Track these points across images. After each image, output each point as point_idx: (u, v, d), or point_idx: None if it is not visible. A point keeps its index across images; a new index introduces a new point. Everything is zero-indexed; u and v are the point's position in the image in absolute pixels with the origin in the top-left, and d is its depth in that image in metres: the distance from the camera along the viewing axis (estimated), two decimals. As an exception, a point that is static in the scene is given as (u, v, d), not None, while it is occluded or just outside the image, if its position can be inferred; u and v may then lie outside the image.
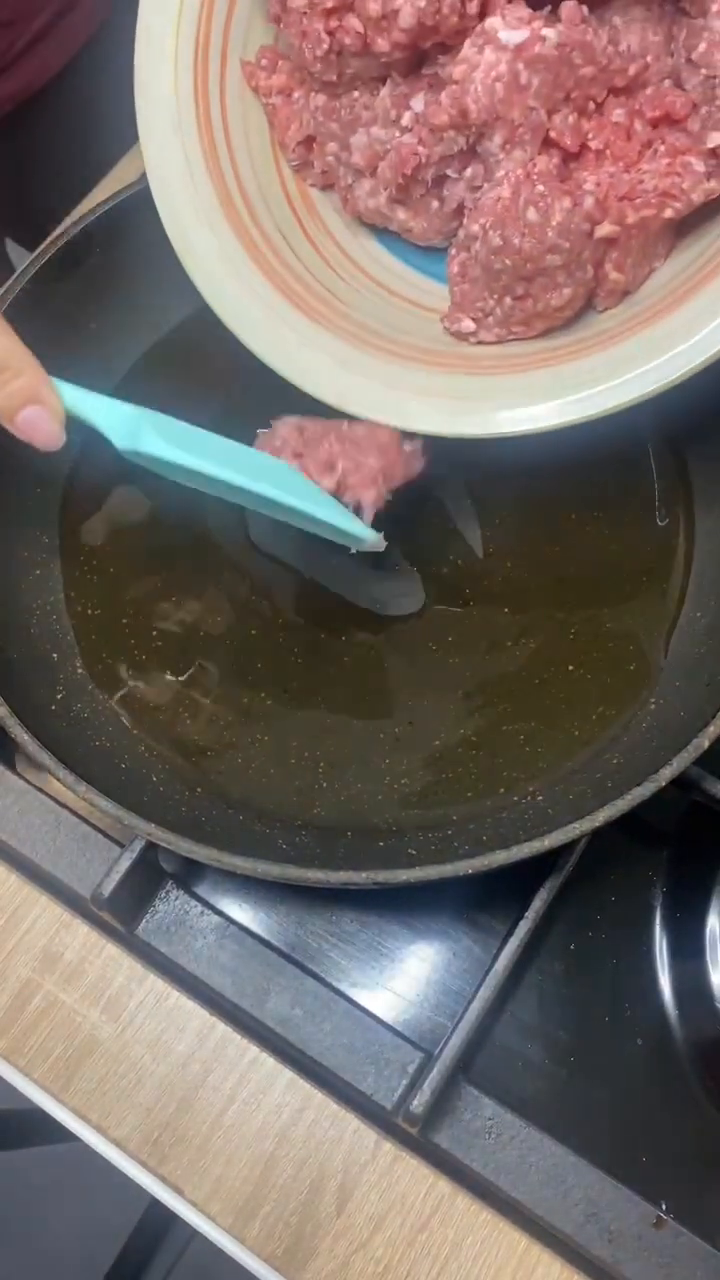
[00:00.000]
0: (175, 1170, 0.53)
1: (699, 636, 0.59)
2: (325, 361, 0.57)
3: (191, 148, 0.56)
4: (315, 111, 0.57)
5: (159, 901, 0.54)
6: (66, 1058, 0.55)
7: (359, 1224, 0.52)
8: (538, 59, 0.49)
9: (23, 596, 0.60)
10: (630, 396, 0.52)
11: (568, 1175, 0.49)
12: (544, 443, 0.64)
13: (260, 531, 0.63)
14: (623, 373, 0.52)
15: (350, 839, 0.55)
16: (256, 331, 0.57)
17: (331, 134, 0.57)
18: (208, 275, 0.57)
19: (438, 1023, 0.56)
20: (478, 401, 0.56)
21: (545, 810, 0.55)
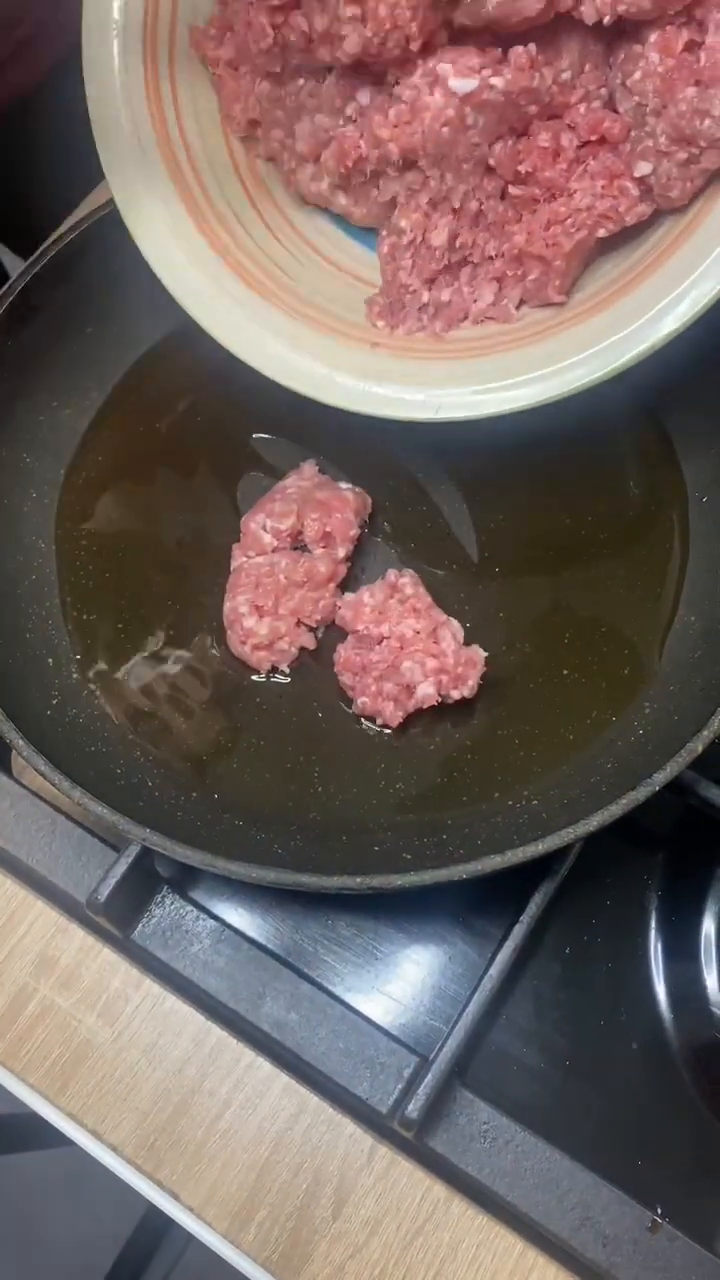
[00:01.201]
0: (171, 1175, 0.53)
1: (693, 641, 0.59)
2: (269, 337, 0.58)
3: (140, 116, 0.56)
4: (260, 97, 0.57)
5: (155, 906, 0.54)
6: (62, 1062, 0.55)
7: (355, 1228, 0.52)
8: (485, 104, 0.51)
9: (18, 601, 0.60)
10: (548, 394, 0.54)
11: (563, 1179, 0.49)
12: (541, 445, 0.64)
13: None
14: (538, 368, 0.55)
15: (345, 843, 0.55)
16: (204, 304, 0.58)
17: (276, 120, 0.58)
18: (158, 249, 0.57)
19: (433, 1027, 0.56)
20: (413, 384, 0.57)
21: (540, 814, 0.55)
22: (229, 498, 0.65)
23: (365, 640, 0.57)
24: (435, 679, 0.55)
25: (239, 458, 0.66)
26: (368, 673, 0.57)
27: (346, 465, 0.65)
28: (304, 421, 0.62)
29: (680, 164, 0.51)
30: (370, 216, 0.59)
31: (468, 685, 0.56)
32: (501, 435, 0.63)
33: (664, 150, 0.51)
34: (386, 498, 0.64)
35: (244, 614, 0.58)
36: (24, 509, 0.63)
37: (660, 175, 0.52)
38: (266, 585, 0.59)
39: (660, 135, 0.51)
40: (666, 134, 0.51)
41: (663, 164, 0.52)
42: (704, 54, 0.49)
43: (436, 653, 0.56)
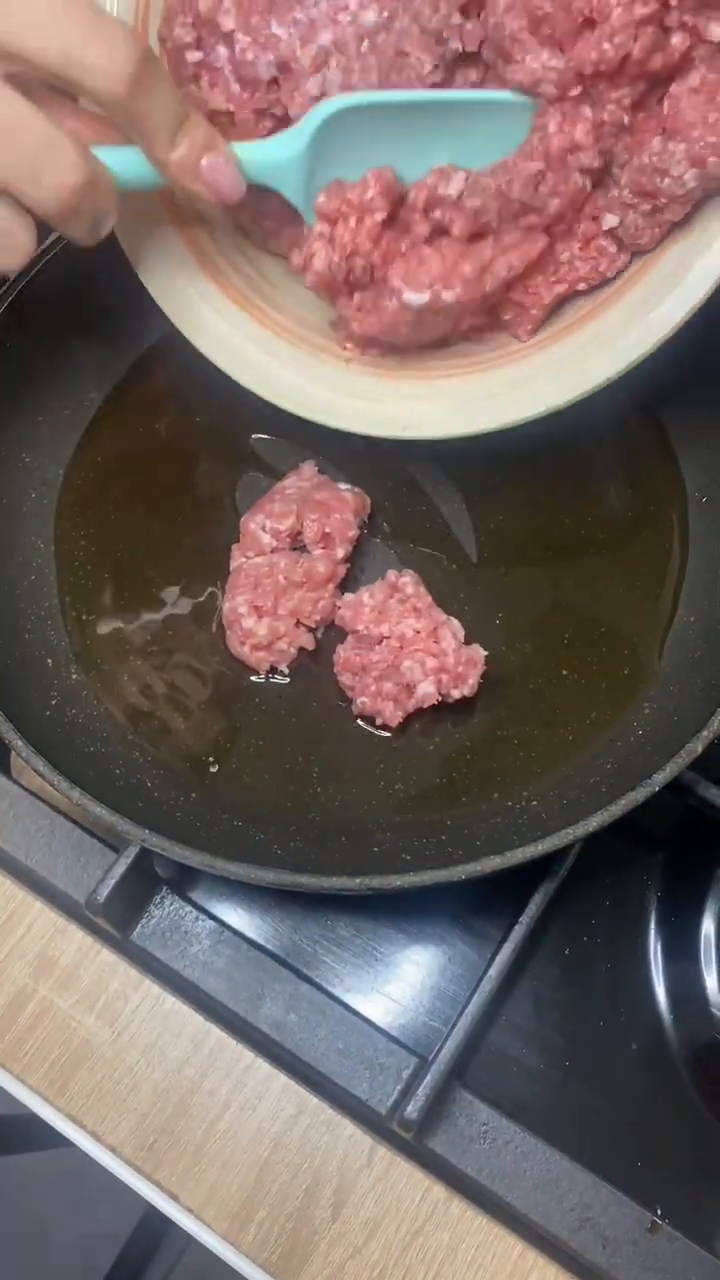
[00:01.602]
0: (170, 1176, 0.53)
1: (693, 641, 0.59)
2: (251, 348, 0.58)
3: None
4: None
5: (154, 907, 0.54)
6: (62, 1063, 0.55)
7: (354, 1229, 0.52)
8: (443, 305, 0.53)
9: (17, 602, 0.60)
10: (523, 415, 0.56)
11: (562, 1180, 0.49)
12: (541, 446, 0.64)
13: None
14: (506, 391, 0.57)
15: (344, 844, 0.55)
16: (188, 313, 0.58)
17: (246, 202, 0.57)
18: (138, 249, 0.57)
19: (432, 1027, 0.56)
20: (384, 402, 0.58)
21: (539, 815, 0.55)
22: (228, 498, 0.65)
23: (365, 640, 0.57)
24: (435, 678, 0.55)
25: (238, 458, 0.66)
26: (367, 673, 0.57)
27: (346, 466, 0.65)
28: (303, 422, 0.62)
29: (646, 215, 0.52)
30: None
31: (468, 684, 0.56)
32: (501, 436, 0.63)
33: (629, 203, 0.52)
34: (385, 498, 0.64)
35: (243, 614, 0.58)
36: (23, 509, 0.63)
37: (628, 226, 0.53)
38: (266, 586, 0.59)
39: (625, 188, 0.51)
40: (630, 187, 0.51)
41: (629, 215, 0.52)
42: (668, 103, 0.49)
43: (437, 652, 0.56)
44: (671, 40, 0.47)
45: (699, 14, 0.46)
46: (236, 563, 0.61)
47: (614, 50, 0.46)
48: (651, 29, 0.46)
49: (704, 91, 0.48)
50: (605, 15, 0.46)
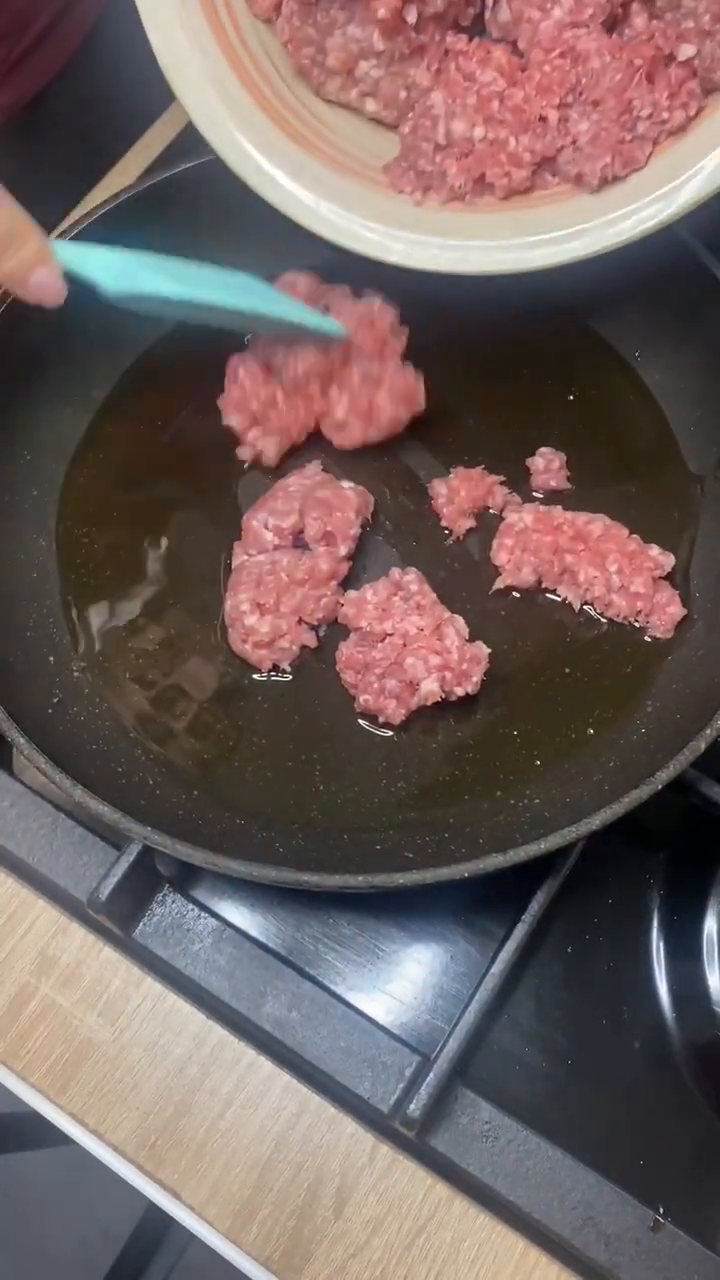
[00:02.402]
0: (172, 1174, 0.53)
1: (696, 639, 0.59)
2: (298, 178, 0.57)
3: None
4: (290, 15, 0.57)
5: (156, 905, 0.54)
6: (64, 1061, 0.55)
7: (356, 1227, 0.52)
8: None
9: (19, 600, 0.60)
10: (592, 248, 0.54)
11: (565, 1179, 0.49)
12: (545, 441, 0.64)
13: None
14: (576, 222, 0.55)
15: (347, 842, 0.55)
16: (230, 142, 0.57)
17: (307, 38, 0.58)
18: (193, 91, 0.56)
19: (435, 1026, 0.56)
20: (433, 235, 0.57)
21: (542, 813, 0.55)
22: (230, 495, 0.65)
23: (368, 638, 0.57)
24: (439, 675, 0.55)
25: (240, 455, 0.66)
26: (370, 670, 0.57)
27: (348, 463, 0.65)
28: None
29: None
30: (399, 117, 0.59)
31: (471, 682, 0.56)
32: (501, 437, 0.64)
33: (707, 30, 0.51)
34: (388, 496, 0.64)
35: (245, 612, 0.58)
36: (25, 506, 0.63)
37: (704, 57, 0.52)
38: (268, 583, 0.59)
39: (704, 15, 0.51)
40: (711, 12, 0.50)
41: (706, 45, 0.51)
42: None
43: (440, 649, 0.56)
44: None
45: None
46: (239, 560, 0.61)
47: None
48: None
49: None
50: None
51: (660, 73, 0.53)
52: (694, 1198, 0.53)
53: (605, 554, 0.59)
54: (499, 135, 0.55)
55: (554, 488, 0.63)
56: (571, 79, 0.54)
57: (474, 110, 0.55)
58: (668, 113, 0.53)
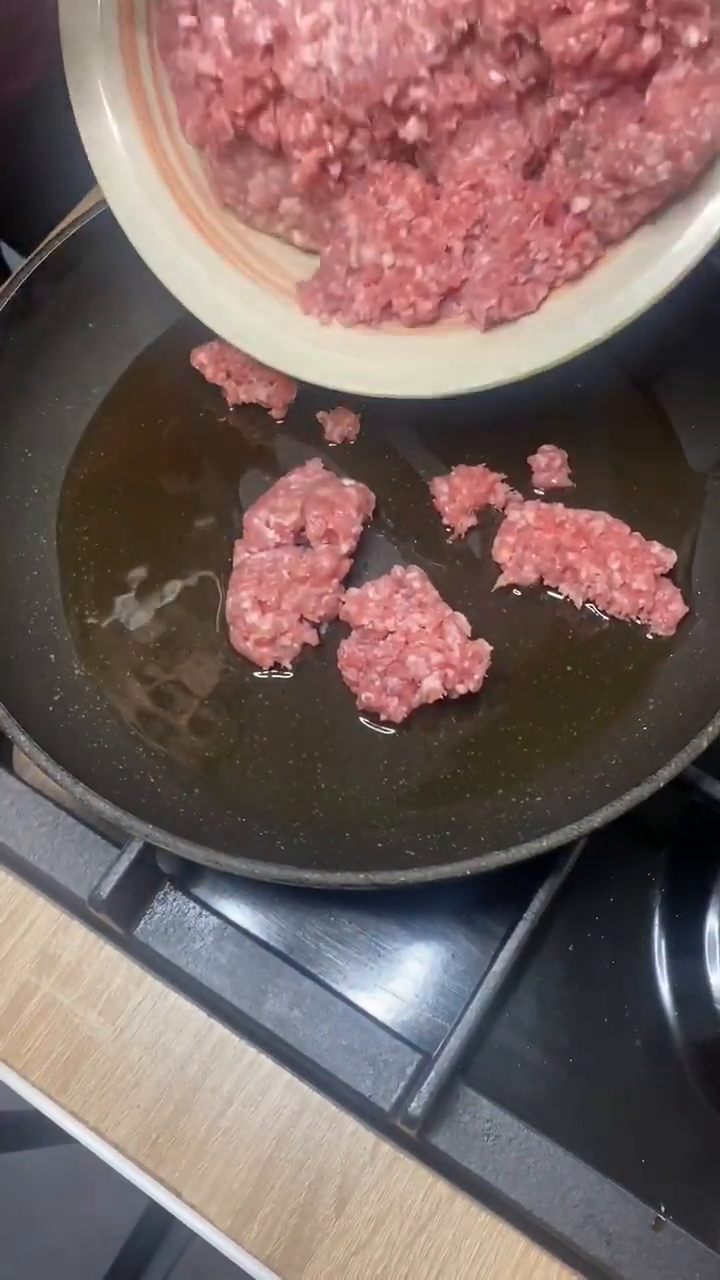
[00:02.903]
0: (173, 1172, 0.53)
1: (698, 638, 0.59)
2: (232, 299, 0.59)
3: (114, 68, 0.56)
4: (211, 157, 0.58)
5: (157, 903, 0.54)
6: (64, 1059, 0.55)
7: (358, 1226, 0.52)
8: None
9: (20, 598, 0.60)
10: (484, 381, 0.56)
11: (566, 1177, 0.49)
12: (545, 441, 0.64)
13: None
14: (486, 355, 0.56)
15: (348, 840, 0.55)
16: (169, 265, 0.59)
17: (228, 179, 0.58)
18: (128, 206, 0.58)
19: (436, 1024, 0.56)
20: (367, 358, 0.59)
21: (544, 811, 0.55)
22: (231, 494, 0.64)
23: (369, 635, 0.57)
24: (441, 673, 0.55)
25: (241, 453, 0.66)
26: (371, 668, 0.57)
27: (350, 461, 0.65)
28: (307, 418, 0.62)
29: (616, 202, 0.51)
30: (326, 243, 0.60)
31: (473, 679, 0.56)
32: (503, 434, 0.63)
33: (600, 188, 0.51)
34: (389, 494, 0.64)
35: (246, 609, 0.58)
36: (25, 505, 0.63)
37: (598, 212, 0.52)
38: (269, 581, 0.59)
39: (598, 172, 0.51)
40: (603, 171, 0.51)
41: (599, 200, 0.52)
42: (650, 93, 0.48)
43: (442, 647, 0.56)
44: (643, 43, 0.46)
45: (676, 17, 0.45)
46: (240, 558, 0.61)
47: (580, 47, 0.46)
48: (622, 29, 0.46)
49: (688, 86, 0.47)
50: (578, 9, 0.45)
51: (558, 219, 0.53)
52: (695, 1196, 0.53)
53: (607, 551, 0.59)
54: (407, 263, 0.56)
55: (555, 485, 0.63)
56: (479, 211, 0.54)
57: (383, 237, 0.56)
58: (562, 260, 0.53)
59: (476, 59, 0.51)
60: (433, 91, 0.52)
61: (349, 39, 0.51)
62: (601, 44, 0.46)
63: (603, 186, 0.51)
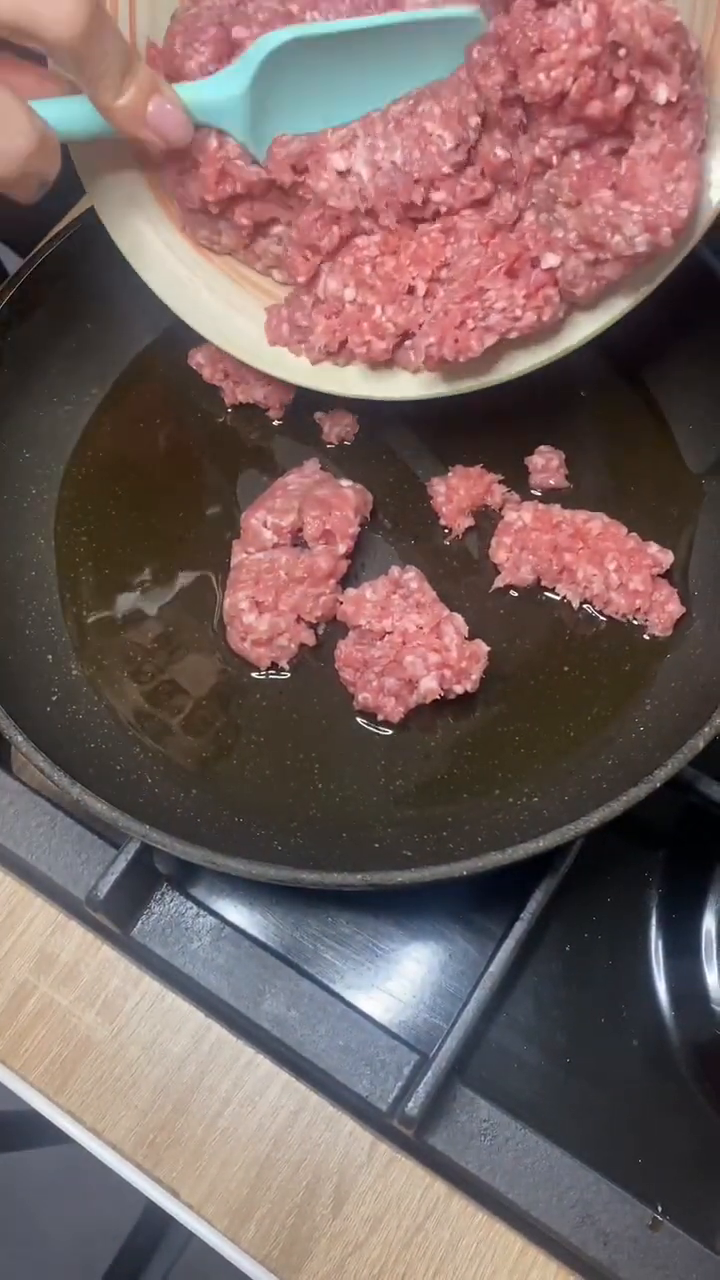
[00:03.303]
0: (171, 1172, 0.53)
1: (695, 638, 0.59)
2: (214, 299, 0.60)
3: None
4: (181, 214, 0.59)
5: (154, 903, 0.54)
6: (62, 1059, 0.55)
7: (355, 1226, 0.52)
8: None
9: (18, 598, 0.60)
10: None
11: (563, 1177, 0.49)
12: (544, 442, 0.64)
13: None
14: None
15: (345, 840, 0.55)
16: (151, 263, 0.59)
17: (199, 222, 0.59)
18: (110, 206, 0.58)
19: (433, 1024, 0.56)
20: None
21: (541, 811, 0.55)
22: (229, 494, 0.64)
23: (367, 635, 0.57)
24: (438, 673, 0.55)
25: (239, 454, 0.66)
26: (369, 668, 0.57)
27: (347, 462, 0.65)
28: (305, 419, 0.62)
29: (587, 264, 0.52)
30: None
31: (470, 680, 0.56)
32: (500, 435, 0.63)
33: (573, 247, 0.52)
34: (387, 494, 0.64)
35: (244, 610, 0.58)
36: (23, 505, 0.63)
37: (567, 271, 0.53)
38: (267, 581, 0.59)
39: (571, 231, 0.51)
40: (578, 232, 0.51)
41: (570, 260, 0.52)
42: (625, 163, 0.49)
43: (439, 647, 0.56)
44: (617, 92, 0.47)
45: (646, 70, 0.46)
46: (237, 558, 0.61)
47: (551, 83, 0.47)
48: (594, 73, 0.46)
49: (663, 160, 0.48)
50: (552, 47, 0.46)
51: (524, 271, 0.53)
52: (693, 1196, 0.53)
53: (604, 552, 0.59)
54: (368, 300, 0.56)
55: (553, 486, 0.63)
56: (445, 254, 0.55)
57: (349, 270, 0.56)
58: (520, 310, 0.53)
59: (485, 138, 0.53)
60: (451, 193, 0.54)
61: (375, 147, 0.53)
62: (572, 85, 0.47)
63: (576, 247, 0.52)
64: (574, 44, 0.46)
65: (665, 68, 0.46)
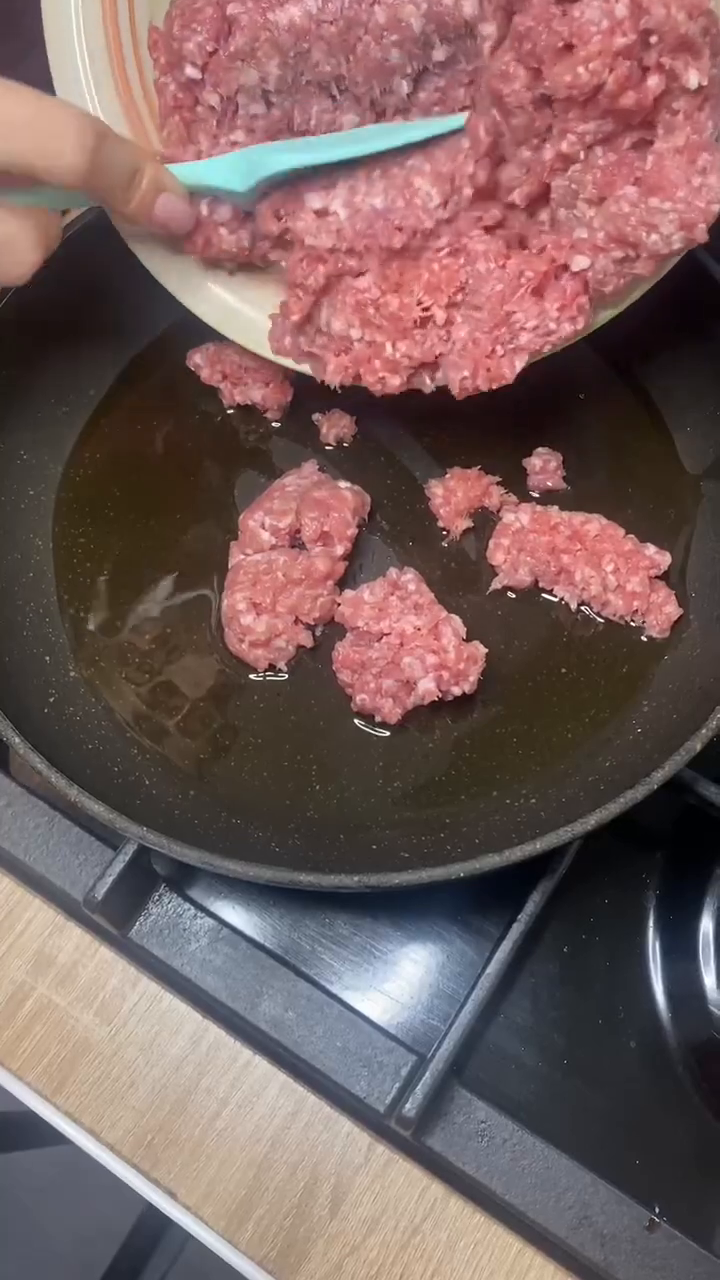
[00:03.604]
0: (168, 1173, 0.53)
1: (692, 640, 0.59)
2: (216, 285, 0.60)
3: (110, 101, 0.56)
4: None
5: (152, 904, 0.54)
6: (59, 1060, 0.55)
7: (352, 1227, 0.52)
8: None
9: (15, 599, 0.60)
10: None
11: (561, 1178, 0.49)
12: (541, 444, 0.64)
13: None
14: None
15: (343, 841, 0.55)
16: (152, 249, 0.59)
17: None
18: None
19: (431, 1025, 0.56)
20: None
21: (538, 813, 0.55)
22: (227, 495, 0.65)
23: (364, 637, 0.57)
24: (436, 675, 0.55)
25: (237, 455, 0.66)
26: (366, 670, 0.57)
27: (345, 464, 0.65)
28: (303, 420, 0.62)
29: (616, 262, 0.52)
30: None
31: (468, 681, 0.56)
32: (498, 437, 0.63)
33: (601, 246, 0.51)
34: (385, 496, 0.64)
35: (242, 611, 0.58)
36: (21, 506, 0.63)
37: (597, 271, 0.52)
38: (264, 583, 0.59)
39: (599, 231, 0.51)
40: (606, 231, 0.51)
41: (599, 259, 0.52)
42: (651, 158, 0.49)
43: (437, 649, 0.56)
44: (648, 81, 0.47)
45: (677, 56, 0.46)
46: (235, 560, 0.61)
47: (589, 76, 0.46)
48: (628, 62, 0.46)
49: (687, 152, 0.48)
50: (584, 40, 0.45)
51: (552, 285, 0.53)
52: (690, 1197, 0.53)
53: (601, 554, 0.59)
54: (376, 339, 0.56)
55: (550, 488, 0.64)
56: (460, 277, 0.54)
57: (351, 310, 0.55)
58: (555, 324, 0.53)
59: (502, 168, 0.52)
60: (454, 228, 0.54)
61: (355, 189, 0.53)
62: (609, 76, 0.46)
63: (604, 246, 0.51)
64: (608, 35, 0.45)
65: (696, 52, 0.46)
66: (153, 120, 0.56)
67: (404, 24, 0.49)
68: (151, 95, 0.56)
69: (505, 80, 0.48)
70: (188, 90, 0.54)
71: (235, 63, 0.52)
